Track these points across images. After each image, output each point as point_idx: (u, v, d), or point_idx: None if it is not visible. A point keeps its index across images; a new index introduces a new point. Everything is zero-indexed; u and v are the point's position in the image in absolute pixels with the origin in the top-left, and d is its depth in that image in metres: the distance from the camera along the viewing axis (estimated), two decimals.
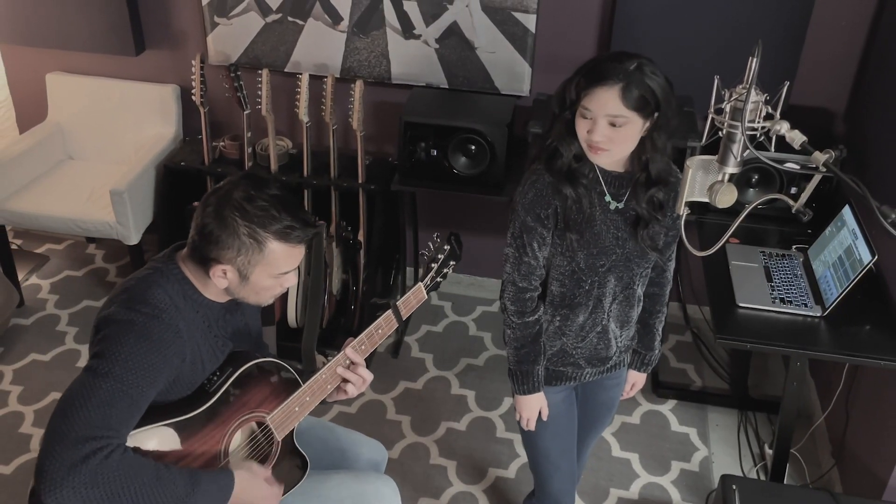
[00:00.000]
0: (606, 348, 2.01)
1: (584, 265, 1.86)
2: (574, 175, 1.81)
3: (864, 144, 2.79)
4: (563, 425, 2.13)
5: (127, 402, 1.56)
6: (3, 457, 2.87)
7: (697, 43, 2.96)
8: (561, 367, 2.02)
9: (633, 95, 1.66)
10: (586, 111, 1.70)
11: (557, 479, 2.18)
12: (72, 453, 1.48)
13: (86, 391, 1.55)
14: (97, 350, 1.60)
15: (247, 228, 1.65)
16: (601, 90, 1.67)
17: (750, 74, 1.39)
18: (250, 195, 1.67)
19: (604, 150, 1.72)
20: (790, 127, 1.40)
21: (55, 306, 3.62)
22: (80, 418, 1.51)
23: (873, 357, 2.32)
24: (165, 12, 3.44)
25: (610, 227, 1.85)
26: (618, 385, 2.18)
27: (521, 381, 1.99)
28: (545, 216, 1.83)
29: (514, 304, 1.94)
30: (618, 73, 1.66)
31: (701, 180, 1.52)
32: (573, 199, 1.80)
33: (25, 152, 3.48)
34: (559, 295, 1.93)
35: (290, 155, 3.39)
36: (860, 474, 2.64)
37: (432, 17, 3.19)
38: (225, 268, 1.69)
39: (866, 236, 2.42)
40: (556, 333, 1.98)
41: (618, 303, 1.95)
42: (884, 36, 2.80)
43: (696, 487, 2.87)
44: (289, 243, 1.70)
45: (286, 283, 1.77)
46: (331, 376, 1.90)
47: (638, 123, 1.70)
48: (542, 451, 2.14)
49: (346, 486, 2.01)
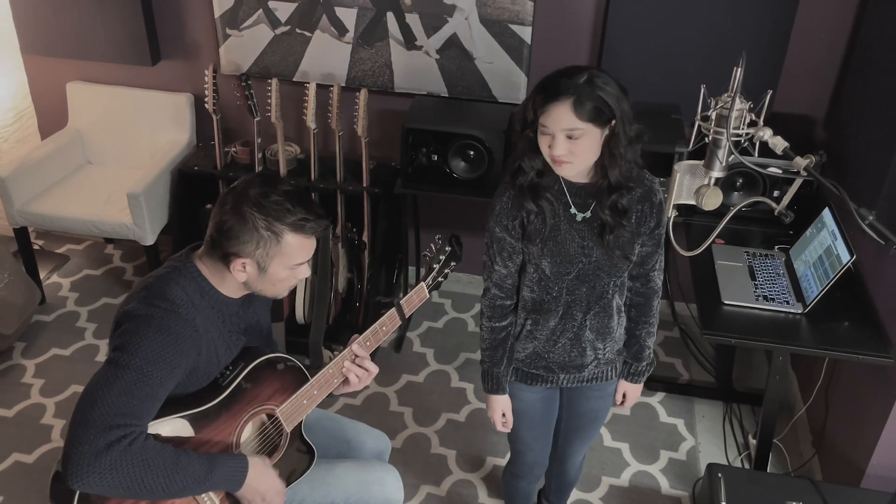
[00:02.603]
0: (581, 356, 1.97)
1: (550, 273, 1.85)
2: (536, 189, 1.79)
3: (843, 150, 2.79)
4: (538, 419, 2.14)
5: (147, 391, 1.57)
6: (26, 446, 2.87)
7: (685, 53, 2.96)
8: (534, 369, 2.01)
9: (585, 108, 1.64)
10: (544, 127, 1.69)
11: (530, 455, 2.24)
12: (97, 441, 1.50)
13: (108, 382, 1.56)
14: (118, 343, 1.61)
15: (264, 222, 1.66)
16: (555, 106, 1.66)
17: (735, 83, 1.39)
18: (265, 191, 1.68)
19: (566, 162, 1.71)
20: (773, 133, 1.40)
21: (75, 304, 3.62)
22: (103, 408, 1.52)
23: (851, 352, 2.32)
24: (180, 24, 3.43)
25: (575, 236, 1.82)
26: (602, 398, 2.13)
27: (486, 379, 2.03)
28: (511, 227, 1.84)
29: (487, 309, 1.97)
30: (568, 88, 1.64)
31: (688, 184, 1.52)
32: (535, 212, 1.80)
33: (47, 157, 3.48)
34: (530, 300, 1.93)
35: (298, 160, 3.39)
36: (839, 463, 2.64)
37: (433, 29, 3.18)
38: (245, 261, 1.69)
39: (845, 237, 2.42)
40: (527, 337, 1.97)
41: (593, 313, 1.92)
42: (862, 47, 2.80)
43: (684, 475, 2.87)
44: (303, 234, 1.71)
45: (300, 275, 1.78)
46: (337, 371, 1.90)
47: (595, 133, 1.68)
48: (518, 436, 2.19)
49: (351, 475, 2.01)
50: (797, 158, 1.38)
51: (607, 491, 2.80)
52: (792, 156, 1.38)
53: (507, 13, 3.08)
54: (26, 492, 2.70)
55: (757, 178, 2.83)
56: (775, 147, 1.39)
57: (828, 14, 2.90)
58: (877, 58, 2.63)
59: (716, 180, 1.48)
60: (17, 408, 3.04)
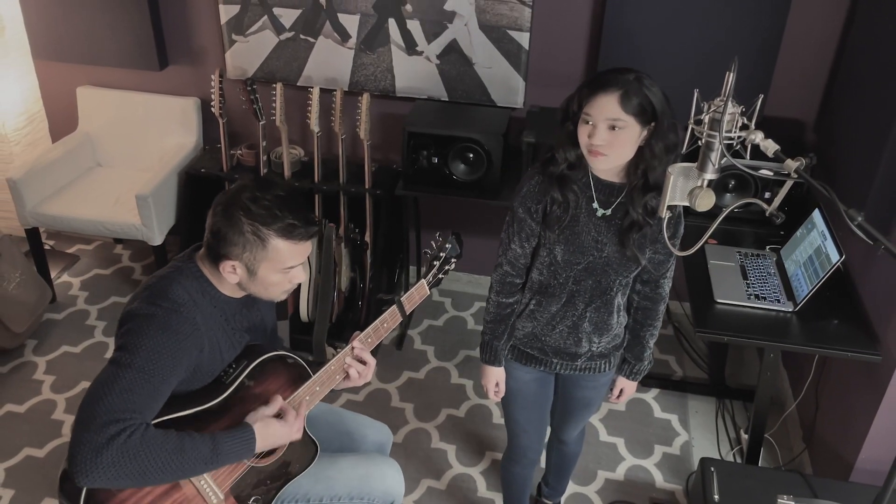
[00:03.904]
0: (576, 345, 1.99)
1: (561, 259, 1.87)
2: (565, 180, 1.82)
3: (833, 152, 2.79)
4: (532, 401, 2.16)
5: (149, 388, 1.57)
6: (38, 441, 2.87)
7: (679, 59, 2.96)
8: (529, 349, 2.04)
9: (631, 102, 1.66)
10: (588, 116, 1.71)
11: (524, 438, 2.26)
12: (97, 438, 1.49)
13: (110, 381, 1.55)
14: (121, 342, 1.61)
15: (251, 226, 1.66)
16: (602, 96, 1.68)
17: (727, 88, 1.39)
18: (255, 196, 1.67)
19: (603, 154, 1.72)
20: (764, 136, 1.40)
21: (85, 302, 3.62)
22: (103, 406, 1.52)
23: (841, 349, 2.32)
24: (187, 30, 3.44)
25: (591, 230, 1.84)
26: (596, 388, 2.15)
27: (485, 350, 2.06)
28: (534, 210, 1.86)
29: (497, 284, 2.00)
30: (618, 81, 1.68)
31: (682, 186, 1.52)
32: (558, 201, 1.82)
33: (58, 160, 3.48)
34: (537, 282, 1.95)
35: (302, 162, 3.39)
36: (829, 457, 2.64)
37: (433, 35, 3.18)
38: (234, 263, 1.69)
39: (834, 237, 2.42)
40: (529, 316, 2.00)
41: (595, 306, 1.93)
42: (850, 53, 2.80)
43: (678, 469, 2.87)
44: (291, 240, 1.69)
45: (294, 279, 1.76)
46: (339, 367, 1.90)
47: (635, 129, 1.70)
48: (513, 417, 2.22)
49: (353, 468, 2.01)
50: (788, 161, 1.37)
51: (603, 484, 2.80)
52: (783, 158, 1.38)
53: (506, 20, 3.08)
54: (37, 485, 2.70)
55: (749, 180, 2.83)
56: (766, 150, 1.38)
57: (818, 20, 2.90)
58: (864, 64, 2.63)
59: (709, 182, 1.47)
60: (28, 403, 3.04)
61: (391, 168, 3.39)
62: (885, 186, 2.33)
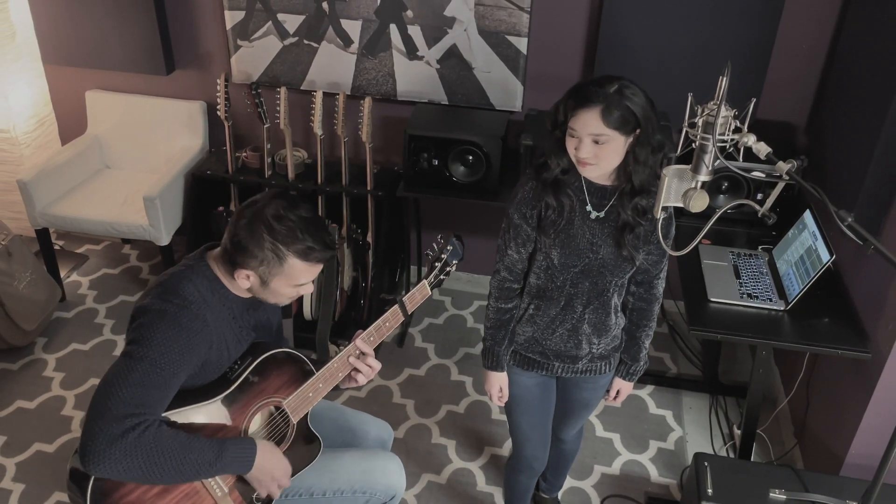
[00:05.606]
0: (576, 348, 1.98)
1: (558, 263, 1.86)
2: (559, 185, 1.81)
3: (824, 154, 2.79)
4: (535, 406, 2.14)
5: (159, 382, 1.58)
6: (47, 436, 2.87)
7: (673, 63, 2.96)
8: (530, 353, 2.03)
9: (612, 116, 1.65)
10: (573, 131, 1.70)
11: (528, 446, 2.24)
12: (112, 429, 1.50)
13: (123, 373, 1.56)
14: (133, 336, 1.62)
15: (271, 244, 1.67)
16: (584, 112, 1.67)
17: (720, 92, 1.38)
18: (280, 214, 1.67)
19: (590, 164, 1.73)
20: (756, 139, 1.40)
21: (94, 301, 3.62)
22: (118, 397, 1.53)
23: (831, 346, 2.32)
24: (193, 36, 3.43)
25: (586, 232, 1.84)
26: (595, 390, 2.15)
27: (487, 356, 2.05)
28: (529, 215, 1.85)
29: (495, 290, 1.98)
30: (599, 96, 1.66)
31: (676, 187, 1.51)
32: (553, 205, 1.82)
33: (67, 162, 3.48)
34: (535, 286, 1.94)
35: (305, 164, 3.38)
36: (820, 452, 2.64)
37: (434, 40, 3.18)
38: (248, 273, 1.70)
39: (825, 238, 2.42)
40: (528, 321, 1.99)
41: (592, 308, 1.93)
42: (840, 58, 2.79)
43: (672, 464, 2.87)
44: (307, 262, 1.71)
45: (303, 292, 1.79)
46: (342, 365, 1.90)
47: (620, 140, 1.70)
48: (516, 423, 2.20)
49: (355, 464, 2.01)
50: (780, 163, 1.37)
51: (599, 479, 2.80)
52: (775, 160, 1.37)
53: (505, 25, 3.08)
54: (47, 480, 2.69)
55: (741, 181, 2.83)
56: (759, 152, 1.38)
57: (808, 26, 2.90)
58: (855, 68, 2.63)
59: (702, 184, 1.47)
60: (38, 400, 3.04)
61: (392, 170, 3.39)
62: (875, 188, 2.33)
